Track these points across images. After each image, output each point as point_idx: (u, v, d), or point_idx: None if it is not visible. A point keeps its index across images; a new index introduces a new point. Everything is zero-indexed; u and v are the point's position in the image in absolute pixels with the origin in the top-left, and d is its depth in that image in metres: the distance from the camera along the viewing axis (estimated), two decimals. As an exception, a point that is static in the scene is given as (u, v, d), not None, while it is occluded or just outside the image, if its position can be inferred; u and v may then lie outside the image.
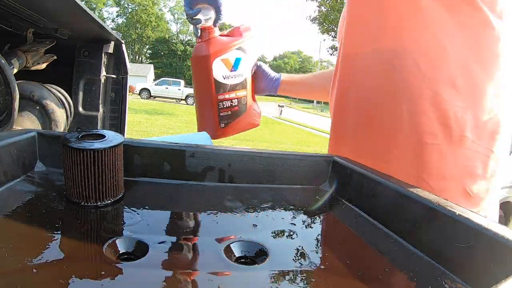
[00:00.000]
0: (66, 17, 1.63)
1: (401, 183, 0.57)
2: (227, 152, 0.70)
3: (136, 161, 0.68)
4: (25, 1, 1.35)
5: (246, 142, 9.34)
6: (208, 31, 1.04)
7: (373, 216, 0.60)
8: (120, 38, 2.04)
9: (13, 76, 1.41)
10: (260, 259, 0.47)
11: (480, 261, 0.41)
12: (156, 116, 12.42)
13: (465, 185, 0.73)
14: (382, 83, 0.79)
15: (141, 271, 0.41)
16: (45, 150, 0.66)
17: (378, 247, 0.52)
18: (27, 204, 0.53)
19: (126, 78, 2.10)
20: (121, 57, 2.08)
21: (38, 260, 0.40)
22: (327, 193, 0.72)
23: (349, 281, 0.44)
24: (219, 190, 0.68)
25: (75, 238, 0.47)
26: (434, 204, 0.48)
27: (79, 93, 2.02)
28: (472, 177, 0.73)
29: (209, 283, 0.41)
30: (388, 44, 0.78)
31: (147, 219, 0.55)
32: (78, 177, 0.54)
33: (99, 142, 0.56)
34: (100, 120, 2.06)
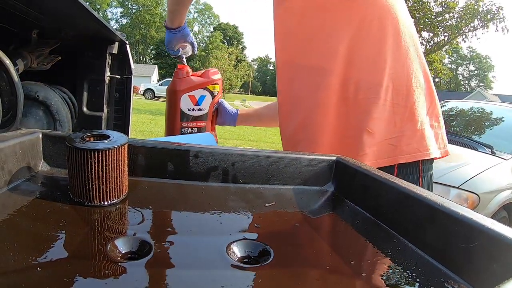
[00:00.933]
0: (70, 18, 1.63)
1: (404, 184, 0.57)
2: (231, 153, 0.70)
3: (140, 161, 0.68)
4: (30, 2, 1.36)
5: (250, 142, 9.34)
6: (185, 71, 1.33)
7: (376, 216, 0.60)
8: (124, 39, 2.05)
9: (17, 76, 1.42)
10: (264, 259, 0.47)
11: (483, 261, 0.41)
12: (160, 116, 12.44)
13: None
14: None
15: (145, 271, 0.41)
16: (50, 150, 0.66)
17: (381, 247, 0.52)
18: (32, 203, 0.54)
19: (130, 79, 2.10)
20: (125, 58, 2.08)
21: (42, 259, 0.40)
22: (330, 194, 0.72)
23: (352, 282, 0.44)
24: (222, 190, 0.68)
25: (79, 237, 0.47)
26: (438, 205, 0.48)
27: (83, 93, 2.03)
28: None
29: (212, 283, 0.41)
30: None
31: (151, 219, 0.55)
32: (82, 177, 0.54)
33: (104, 142, 0.56)
34: (104, 120, 2.07)
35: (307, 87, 0.96)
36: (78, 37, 1.89)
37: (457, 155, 3.34)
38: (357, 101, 0.92)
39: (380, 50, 0.92)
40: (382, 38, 0.92)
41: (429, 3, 14.26)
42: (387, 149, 0.92)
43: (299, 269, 0.47)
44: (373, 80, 0.92)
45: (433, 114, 1.00)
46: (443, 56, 19.77)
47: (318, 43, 0.95)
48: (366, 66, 0.93)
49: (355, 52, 0.92)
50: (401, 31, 0.94)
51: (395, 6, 0.94)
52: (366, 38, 0.92)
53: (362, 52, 0.92)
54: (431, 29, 14.43)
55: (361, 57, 0.92)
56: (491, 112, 4.26)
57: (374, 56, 0.92)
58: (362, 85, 0.92)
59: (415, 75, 0.95)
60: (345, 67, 0.92)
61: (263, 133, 11.86)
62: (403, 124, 0.93)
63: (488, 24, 14.00)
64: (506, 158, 3.26)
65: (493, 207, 2.92)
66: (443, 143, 1.04)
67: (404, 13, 0.97)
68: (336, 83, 0.92)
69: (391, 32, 0.93)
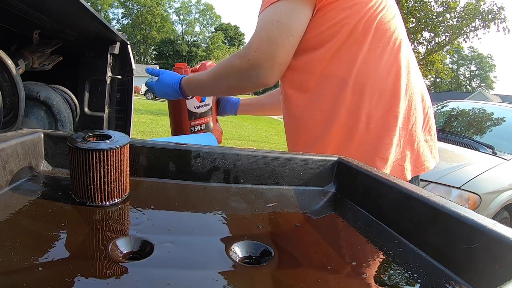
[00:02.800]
0: (72, 18, 1.64)
1: (405, 184, 0.57)
2: (232, 153, 0.70)
3: (141, 161, 0.68)
4: (32, 2, 1.36)
5: (252, 143, 9.34)
6: (183, 69, 1.32)
7: (378, 217, 0.60)
8: (125, 39, 2.05)
9: (19, 76, 1.42)
10: (265, 259, 0.47)
11: (484, 262, 0.41)
12: (162, 116, 12.45)
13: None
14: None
15: (146, 271, 0.41)
16: (51, 150, 0.67)
17: (382, 248, 0.52)
18: (33, 203, 0.54)
19: (131, 79, 2.10)
20: (126, 58, 2.09)
21: (44, 258, 0.40)
22: (332, 194, 0.72)
23: (353, 282, 0.44)
24: (224, 191, 0.69)
25: (81, 237, 0.47)
26: (439, 205, 0.48)
27: (84, 93, 2.03)
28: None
29: (214, 283, 0.41)
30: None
31: (153, 219, 0.55)
32: (84, 177, 0.54)
33: (105, 142, 0.56)
34: (106, 120, 2.07)
35: (326, 97, 0.98)
36: (80, 38, 1.89)
37: (459, 155, 3.34)
38: (369, 130, 0.96)
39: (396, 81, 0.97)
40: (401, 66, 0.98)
41: (430, 3, 14.24)
42: (397, 170, 0.99)
43: (300, 269, 0.47)
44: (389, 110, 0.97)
45: (426, 128, 1.07)
46: (444, 56, 19.77)
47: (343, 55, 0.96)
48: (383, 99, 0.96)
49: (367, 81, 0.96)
50: (410, 58, 1.01)
51: (404, 33, 1.00)
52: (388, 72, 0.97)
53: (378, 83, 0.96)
54: (432, 29, 14.41)
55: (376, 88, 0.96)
56: (492, 112, 4.25)
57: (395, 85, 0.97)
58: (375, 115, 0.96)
59: (416, 96, 1.02)
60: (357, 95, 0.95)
61: (264, 133, 11.87)
62: (405, 146, 1.00)
63: (489, 24, 13.97)
64: (507, 158, 3.25)
65: (495, 208, 2.91)
66: (435, 153, 1.10)
67: (406, 39, 1.03)
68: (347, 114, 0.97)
69: (404, 63, 0.99)
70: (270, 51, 0.93)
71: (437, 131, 1.12)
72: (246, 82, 1.00)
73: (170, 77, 1.20)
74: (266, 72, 0.95)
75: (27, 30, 1.65)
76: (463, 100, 5.52)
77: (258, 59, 0.94)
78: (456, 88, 70.45)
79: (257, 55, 0.94)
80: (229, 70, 1.01)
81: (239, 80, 1.01)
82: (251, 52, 0.95)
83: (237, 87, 1.06)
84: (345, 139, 0.97)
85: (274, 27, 0.92)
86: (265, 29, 0.94)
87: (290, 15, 0.92)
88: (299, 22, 0.93)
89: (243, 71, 0.97)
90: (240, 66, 0.97)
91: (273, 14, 0.92)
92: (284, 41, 0.93)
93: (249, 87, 1.03)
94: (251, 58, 0.95)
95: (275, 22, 0.92)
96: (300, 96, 1.02)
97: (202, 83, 1.13)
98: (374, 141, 0.96)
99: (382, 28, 0.94)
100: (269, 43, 0.93)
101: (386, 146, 0.96)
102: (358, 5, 0.92)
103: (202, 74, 1.14)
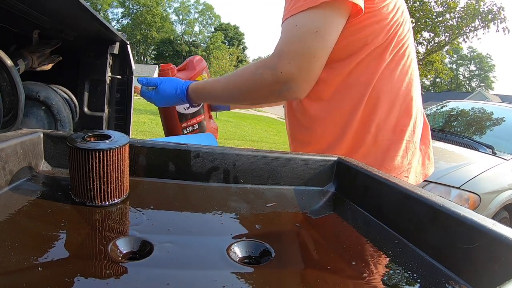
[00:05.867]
0: (71, 18, 1.63)
1: (405, 184, 0.57)
2: (232, 153, 0.70)
3: (141, 161, 0.68)
4: (31, 2, 1.36)
5: (251, 143, 9.35)
6: (169, 70, 1.26)
7: (377, 216, 0.60)
8: (125, 39, 2.05)
9: (19, 76, 1.42)
10: (265, 259, 0.47)
11: (484, 262, 0.41)
12: (161, 116, 12.40)
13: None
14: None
15: (146, 271, 0.41)
16: (51, 150, 0.66)
17: (382, 248, 0.52)
18: (33, 203, 0.54)
19: (131, 79, 2.10)
20: (126, 58, 2.09)
21: (43, 258, 0.40)
22: (331, 194, 0.72)
23: (353, 282, 0.44)
24: (224, 191, 0.69)
25: (80, 237, 0.47)
26: (439, 205, 0.48)
27: (84, 93, 2.03)
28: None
29: (213, 283, 0.41)
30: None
31: (152, 219, 0.55)
32: (83, 177, 0.54)
33: (105, 142, 0.56)
34: (105, 120, 2.07)
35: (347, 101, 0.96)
36: (79, 38, 1.89)
37: (458, 155, 3.34)
38: (376, 141, 0.96)
39: (406, 95, 0.98)
40: (412, 80, 0.99)
41: (430, 3, 14.24)
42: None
43: (300, 269, 0.47)
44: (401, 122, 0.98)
45: (425, 138, 1.08)
46: (444, 56, 19.76)
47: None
48: (393, 112, 0.96)
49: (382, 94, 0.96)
50: (416, 71, 1.02)
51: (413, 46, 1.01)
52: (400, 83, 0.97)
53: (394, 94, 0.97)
54: (432, 29, 14.42)
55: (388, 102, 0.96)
56: (492, 112, 4.25)
57: (405, 99, 0.98)
58: (384, 127, 0.96)
59: (420, 109, 1.03)
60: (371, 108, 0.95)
61: (264, 133, 11.87)
62: (411, 157, 1.00)
63: (489, 24, 13.97)
64: (507, 158, 3.25)
65: (494, 208, 2.91)
66: (432, 158, 1.12)
67: (414, 52, 1.03)
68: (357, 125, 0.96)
69: (414, 78, 1.00)
70: (307, 64, 0.85)
71: (437, 131, 1.14)
72: (274, 96, 0.91)
73: (172, 87, 1.09)
74: (300, 86, 0.87)
75: (27, 30, 1.65)
76: (463, 100, 5.52)
77: (292, 73, 0.85)
78: (456, 88, 70.45)
79: (292, 68, 0.85)
80: (257, 82, 0.90)
81: (268, 93, 0.91)
82: (284, 63, 0.85)
83: (262, 99, 0.98)
84: (353, 150, 0.96)
85: (313, 38, 0.84)
86: (301, 38, 0.84)
87: (329, 26, 0.85)
88: (336, 33, 0.86)
89: (273, 84, 0.88)
90: (271, 79, 0.87)
91: (311, 22, 0.84)
92: (321, 54, 0.86)
93: (276, 100, 0.96)
94: (285, 71, 0.85)
95: (313, 33, 0.84)
96: (313, 105, 0.99)
97: (216, 94, 1.03)
98: (381, 153, 0.96)
99: (399, 44, 0.94)
100: (306, 56, 0.84)
101: (392, 158, 0.96)
102: (384, 21, 0.90)
103: (215, 84, 1.03)
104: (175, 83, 1.09)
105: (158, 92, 1.10)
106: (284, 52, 0.85)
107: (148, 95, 1.13)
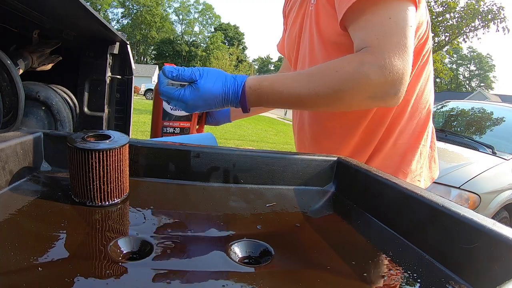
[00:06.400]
0: (71, 18, 1.63)
1: (405, 184, 0.57)
2: (232, 153, 0.70)
3: (141, 161, 0.68)
4: (31, 2, 1.36)
5: (251, 143, 9.34)
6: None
7: (377, 216, 0.60)
8: (125, 39, 2.05)
9: (19, 76, 1.42)
10: (265, 259, 0.47)
11: (484, 262, 0.41)
12: (161, 116, 12.38)
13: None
14: None
15: (146, 271, 0.41)
16: (51, 150, 0.66)
17: (382, 248, 0.52)
18: (33, 203, 0.54)
19: (131, 79, 2.10)
20: (126, 58, 2.08)
21: (43, 258, 0.40)
22: (331, 194, 0.72)
23: (353, 282, 0.44)
24: (223, 191, 0.68)
25: (80, 237, 0.47)
26: (438, 205, 0.48)
27: (84, 93, 2.03)
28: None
29: (213, 283, 0.41)
30: None
31: (152, 219, 0.55)
32: (83, 177, 0.54)
33: (105, 142, 0.56)
34: (105, 120, 2.07)
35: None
36: (79, 38, 1.89)
37: (458, 155, 3.34)
38: (396, 145, 0.95)
39: (428, 102, 0.98)
40: (432, 84, 1.00)
41: (430, 3, 14.24)
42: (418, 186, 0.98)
43: (300, 269, 0.47)
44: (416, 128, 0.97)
45: (431, 142, 1.07)
46: (443, 56, 19.75)
47: None
48: (415, 118, 0.96)
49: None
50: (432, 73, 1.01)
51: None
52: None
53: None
54: (432, 29, 14.37)
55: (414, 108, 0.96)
56: (492, 112, 4.25)
57: (426, 103, 0.97)
58: (405, 132, 0.96)
59: (431, 115, 1.03)
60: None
61: (264, 133, 11.87)
62: (423, 161, 1.00)
63: (489, 24, 13.98)
64: (507, 158, 3.25)
65: (494, 208, 2.91)
66: (437, 161, 1.12)
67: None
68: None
69: (432, 78, 1.00)
70: (409, 62, 0.73)
71: (437, 131, 1.15)
72: (376, 101, 0.76)
73: (219, 82, 0.76)
74: (404, 89, 0.74)
75: (27, 30, 1.65)
76: (463, 100, 5.52)
77: (402, 72, 0.71)
78: (456, 88, 70.45)
79: (401, 66, 0.71)
80: (360, 82, 0.72)
81: (371, 98, 0.74)
82: (392, 61, 0.71)
83: (354, 104, 0.78)
84: (375, 153, 0.96)
85: (411, 33, 0.74)
86: (404, 33, 0.72)
87: (416, 21, 0.77)
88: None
89: (381, 86, 0.72)
90: (378, 80, 0.71)
91: (408, 16, 0.74)
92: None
93: (373, 106, 0.85)
94: (394, 70, 0.71)
95: (410, 27, 0.73)
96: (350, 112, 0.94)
97: (289, 93, 0.76)
98: (398, 156, 0.96)
99: (426, 47, 0.93)
100: (409, 52, 0.73)
101: (409, 162, 0.96)
102: (429, 34, 0.91)
103: (287, 81, 0.77)
104: (222, 76, 0.77)
105: (197, 91, 0.75)
106: (389, 47, 0.72)
107: (176, 94, 0.76)
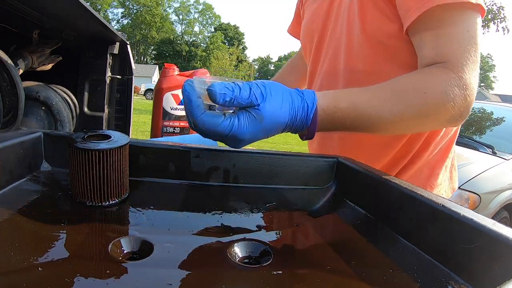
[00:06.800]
0: (71, 18, 1.64)
1: (405, 184, 0.57)
2: (231, 153, 0.70)
3: (141, 161, 0.68)
4: (31, 2, 1.36)
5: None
6: (169, 69, 1.20)
7: (377, 216, 0.60)
8: (125, 39, 2.05)
9: (19, 77, 1.42)
10: (265, 259, 0.47)
11: (484, 262, 0.41)
12: (161, 116, 12.38)
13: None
14: None
15: (146, 271, 0.41)
16: (51, 150, 0.66)
17: (382, 248, 0.52)
18: (33, 203, 0.54)
19: (131, 79, 2.11)
20: (126, 58, 2.09)
21: (43, 259, 0.40)
22: (331, 194, 0.72)
23: (353, 282, 0.44)
24: (223, 191, 0.68)
25: (80, 237, 0.47)
26: (438, 205, 0.48)
27: (84, 93, 2.03)
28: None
29: (213, 283, 0.41)
30: None
31: (152, 219, 0.55)
32: (83, 177, 0.54)
33: (105, 142, 0.56)
34: (105, 120, 2.07)
35: None
36: (79, 38, 1.90)
37: (458, 155, 3.31)
38: (428, 158, 0.94)
39: None
40: None
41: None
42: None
43: (300, 269, 0.47)
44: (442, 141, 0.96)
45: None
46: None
47: None
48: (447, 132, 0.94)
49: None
50: None
51: None
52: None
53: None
54: (432, 29, 14.40)
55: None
56: (492, 112, 4.26)
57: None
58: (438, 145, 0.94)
59: None
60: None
61: (264, 133, 11.83)
62: (447, 174, 0.99)
63: (488, 24, 13.97)
64: (507, 158, 3.25)
65: (494, 207, 2.91)
66: (456, 170, 1.09)
67: None
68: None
69: None
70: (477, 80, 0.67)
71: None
72: (450, 124, 0.70)
73: (288, 104, 0.57)
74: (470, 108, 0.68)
75: (27, 30, 1.65)
76: (463, 100, 5.50)
77: (475, 92, 0.66)
78: (456, 88, 70.36)
79: (476, 86, 0.66)
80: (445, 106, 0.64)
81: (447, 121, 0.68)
82: (473, 82, 0.65)
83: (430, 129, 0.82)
84: (404, 167, 0.93)
85: (479, 50, 0.67)
86: (477, 48, 0.66)
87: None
88: None
89: (461, 109, 0.66)
90: (461, 103, 0.65)
91: (479, 29, 0.67)
92: None
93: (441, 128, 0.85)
94: (473, 92, 0.65)
95: (479, 44, 0.67)
96: None
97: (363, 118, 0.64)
98: (428, 170, 0.95)
99: None
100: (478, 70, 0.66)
101: (437, 175, 0.95)
102: None
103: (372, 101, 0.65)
104: (287, 95, 0.58)
105: (259, 120, 0.55)
106: (469, 68, 0.65)
107: (226, 128, 0.54)
